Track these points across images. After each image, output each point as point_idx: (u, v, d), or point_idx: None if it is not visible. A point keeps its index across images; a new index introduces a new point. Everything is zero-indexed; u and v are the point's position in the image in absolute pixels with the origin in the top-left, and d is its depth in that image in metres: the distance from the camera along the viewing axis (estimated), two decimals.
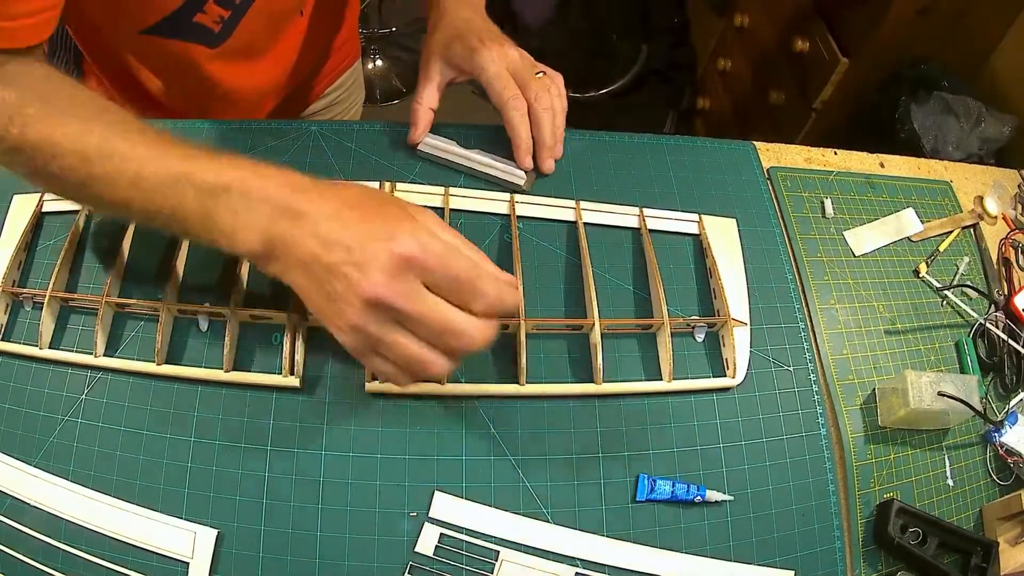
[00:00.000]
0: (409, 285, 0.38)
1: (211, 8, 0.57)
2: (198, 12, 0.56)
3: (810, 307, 0.62)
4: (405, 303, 0.38)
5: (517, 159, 0.61)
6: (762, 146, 0.71)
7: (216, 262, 0.56)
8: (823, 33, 1.25)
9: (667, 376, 0.54)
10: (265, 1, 0.60)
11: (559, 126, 0.61)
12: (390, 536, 0.48)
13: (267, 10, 0.62)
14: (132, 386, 0.51)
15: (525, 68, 0.60)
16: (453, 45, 0.60)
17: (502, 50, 0.59)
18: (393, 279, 0.37)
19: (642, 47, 1.90)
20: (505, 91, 0.59)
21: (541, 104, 0.59)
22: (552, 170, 0.63)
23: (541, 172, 0.62)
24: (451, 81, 0.63)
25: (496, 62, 0.59)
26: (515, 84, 0.59)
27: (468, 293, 0.39)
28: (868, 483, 0.55)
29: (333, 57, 0.83)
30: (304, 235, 0.39)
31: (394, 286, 0.38)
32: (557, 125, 0.61)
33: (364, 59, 2.01)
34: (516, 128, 0.60)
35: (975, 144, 1.10)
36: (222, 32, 0.60)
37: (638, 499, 0.51)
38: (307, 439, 0.50)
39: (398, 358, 0.40)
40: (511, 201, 0.60)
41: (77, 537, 0.47)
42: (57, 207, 0.58)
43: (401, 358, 0.40)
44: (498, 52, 0.59)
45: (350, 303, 0.38)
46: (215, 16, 0.58)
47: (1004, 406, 0.61)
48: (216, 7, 0.57)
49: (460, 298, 0.39)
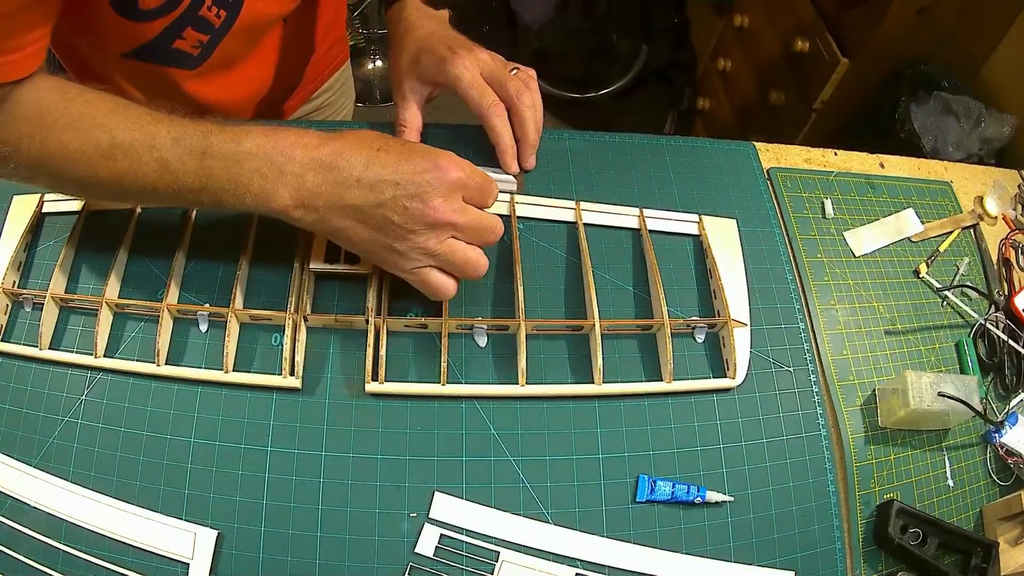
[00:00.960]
0: (459, 202, 0.46)
1: (189, 34, 0.57)
2: (176, 39, 0.57)
3: (810, 307, 0.62)
4: (461, 217, 0.46)
5: (504, 164, 0.61)
6: (762, 146, 0.71)
7: (216, 262, 0.56)
8: (823, 33, 1.25)
9: (667, 377, 0.54)
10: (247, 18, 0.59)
11: (540, 120, 0.61)
12: (390, 537, 0.48)
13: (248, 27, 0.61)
14: (132, 387, 0.51)
15: (499, 69, 0.59)
16: (422, 59, 0.60)
17: (473, 55, 0.58)
18: (447, 201, 0.46)
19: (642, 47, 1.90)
20: (483, 99, 0.58)
21: (523, 102, 0.59)
22: (534, 165, 0.62)
23: (525, 169, 0.62)
24: (428, 97, 0.62)
25: (469, 69, 0.58)
26: (491, 90, 0.58)
27: (485, 196, 0.49)
28: (868, 484, 0.55)
29: (321, 60, 0.82)
30: (342, 183, 0.45)
31: (450, 205, 0.46)
32: (538, 120, 0.61)
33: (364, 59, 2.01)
34: (500, 135, 0.59)
35: (975, 144, 1.10)
36: (201, 55, 0.60)
37: (638, 500, 0.51)
38: (307, 440, 0.50)
39: (454, 263, 0.48)
40: (511, 202, 0.60)
41: (77, 538, 0.47)
42: (57, 207, 0.58)
43: (458, 262, 0.48)
44: (469, 59, 0.58)
45: (413, 230, 0.45)
46: (193, 41, 0.58)
47: (1004, 406, 0.61)
48: (195, 32, 0.57)
49: (481, 201, 0.49)
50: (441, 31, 0.62)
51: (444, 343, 0.52)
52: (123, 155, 0.44)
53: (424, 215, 0.45)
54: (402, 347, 0.54)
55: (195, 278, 0.55)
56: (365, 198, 0.45)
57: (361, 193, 0.45)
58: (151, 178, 0.45)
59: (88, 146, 0.44)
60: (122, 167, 0.45)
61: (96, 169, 0.45)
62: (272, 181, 0.45)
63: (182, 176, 0.45)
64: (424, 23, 0.62)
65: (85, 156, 0.44)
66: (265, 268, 0.56)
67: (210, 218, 0.58)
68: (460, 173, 0.46)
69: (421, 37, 0.61)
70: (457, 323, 0.54)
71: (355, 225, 0.46)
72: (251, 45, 0.66)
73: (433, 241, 0.46)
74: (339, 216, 0.45)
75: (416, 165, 0.45)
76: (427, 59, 0.59)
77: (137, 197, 0.48)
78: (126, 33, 0.55)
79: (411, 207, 0.45)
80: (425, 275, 0.48)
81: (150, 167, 0.45)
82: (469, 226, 0.47)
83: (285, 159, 0.44)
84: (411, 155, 0.46)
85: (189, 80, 0.63)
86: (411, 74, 0.61)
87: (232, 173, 0.45)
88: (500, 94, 0.59)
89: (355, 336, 0.54)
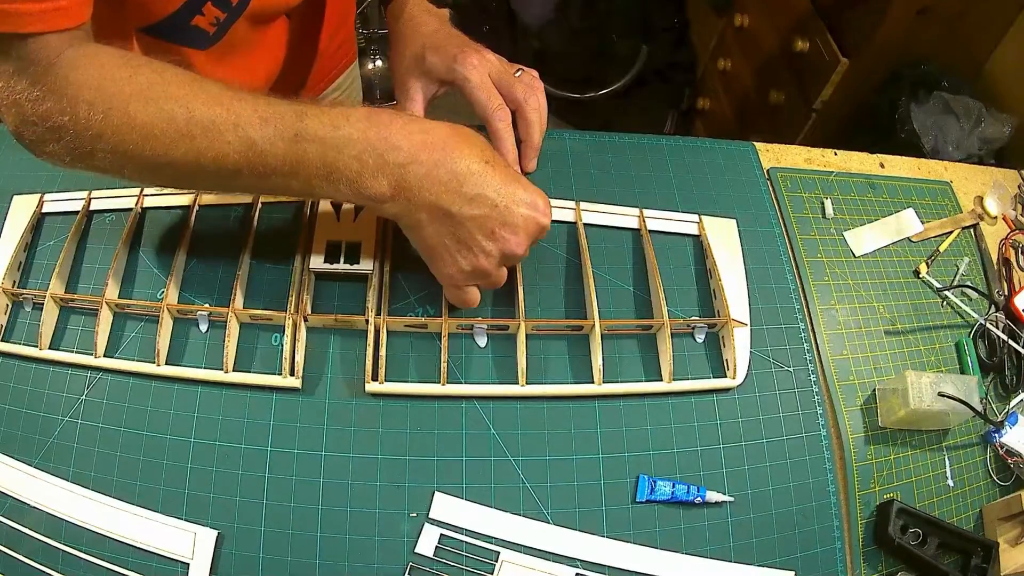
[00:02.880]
0: (531, 242, 0.48)
1: (208, 10, 0.56)
2: (196, 14, 0.56)
3: (810, 307, 0.62)
4: (525, 255, 0.48)
5: None
6: (762, 146, 0.71)
7: (216, 262, 0.56)
8: (823, 33, 1.25)
9: (667, 377, 0.54)
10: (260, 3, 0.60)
11: (544, 123, 0.61)
12: (390, 537, 0.48)
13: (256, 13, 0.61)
14: (132, 387, 0.51)
15: (505, 71, 0.59)
16: (428, 57, 0.59)
17: (480, 56, 0.58)
18: (529, 239, 0.47)
19: (642, 47, 1.90)
20: (490, 101, 0.57)
21: (530, 105, 0.58)
22: (535, 168, 0.62)
23: (526, 171, 0.62)
24: (433, 96, 0.61)
25: (478, 69, 0.57)
26: (497, 93, 0.58)
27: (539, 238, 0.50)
28: (868, 483, 0.55)
29: (329, 59, 0.83)
30: (444, 184, 0.44)
31: (528, 244, 0.47)
32: (543, 123, 0.60)
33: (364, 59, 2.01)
34: (503, 139, 0.59)
35: (975, 144, 1.10)
36: (215, 34, 0.60)
37: (638, 500, 0.51)
38: (307, 440, 0.50)
39: (492, 283, 0.49)
40: None
41: (77, 538, 0.47)
42: (57, 207, 0.58)
43: (495, 282, 0.49)
44: (478, 59, 0.58)
45: (488, 253, 0.46)
46: (211, 18, 0.57)
47: (1004, 406, 0.61)
48: (213, 8, 0.57)
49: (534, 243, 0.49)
50: (444, 29, 0.61)
51: (444, 343, 0.52)
52: (202, 133, 0.41)
53: (507, 246, 0.46)
54: (402, 347, 0.54)
55: (195, 278, 0.55)
56: (460, 206, 0.44)
57: (459, 200, 0.44)
58: (233, 159, 0.42)
59: (160, 120, 0.41)
60: (201, 146, 0.41)
61: (169, 147, 0.41)
62: (372, 169, 0.43)
63: (271, 159, 0.42)
64: (427, 20, 0.62)
65: (157, 131, 0.41)
66: (265, 268, 0.56)
67: (210, 218, 0.58)
68: (548, 221, 0.48)
69: (426, 35, 0.60)
70: (457, 323, 0.54)
71: (435, 225, 0.45)
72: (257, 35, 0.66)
73: (495, 267, 0.47)
74: (425, 212, 0.45)
75: (518, 195, 0.46)
76: (433, 57, 0.59)
77: (211, 180, 0.44)
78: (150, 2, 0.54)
79: (499, 234, 0.46)
80: (469, 292, 0.50)
81: (233, 147, 0.41)
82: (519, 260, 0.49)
83: (388, 147, 0.43)
84: (516, 181, 0.46)
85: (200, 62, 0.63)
86: (416, 72, 0.60)
87: (329, 159, 0.42)
88: (506, 96, 0.58)
89: (355, 336, 0.54)
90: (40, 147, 0.43)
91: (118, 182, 0.59)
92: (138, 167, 0.44)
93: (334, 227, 0.55)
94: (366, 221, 0.56)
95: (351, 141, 0.42)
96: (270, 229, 0.57)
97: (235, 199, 0.59)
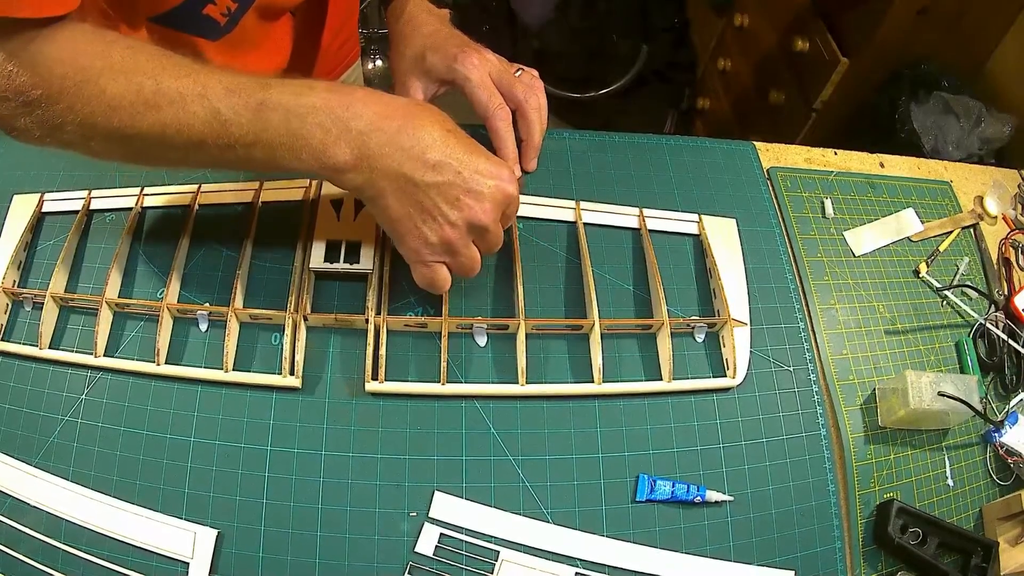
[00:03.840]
0: (499, 213, 0.47)
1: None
2: (208, 3, 0.56)
3: (810, 307, 0.62)
4: (494, 227, 0.47)
5: None
6: (762, 146, 0.71)
7: (216, 261, 0.56)
8: (823, 33, 1.25)
9: (667, 376, 0.54)
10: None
11: (545, 123, 0.61)
12: (390, 536, 0.48)
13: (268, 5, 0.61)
14: (132, 386, 0.51)
15: (505, 70, 0.59)
16: (428, 57, 0.59)
17: (481, 56, 0.58)
18: (496, 209, 0.46)
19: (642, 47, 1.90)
20: (491, 101, 0.58)
21: (531, 105, 0.59)
22: (536, 168, 0.62)
23: (526, 171, 0.62)
24: (433, 96, 0.62)
25: (479, 68, 0.58)
26: (498, 93, 0.58)
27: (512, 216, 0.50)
28: (868, 483, 0.55)
29: (332, 57, 0.83)
30: (407, 151, 0.44)
31: (495, 215, 0.46)
32: (543, 123, 0.61)
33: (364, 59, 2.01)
34: (503, 139, 0.59)
35: (975, 144, 1.10)
36: (227, 25, 0.60)
37: (638, 499, 0.51)
38: (307, 439, 0.50)
39: (462, 264, 0.48)
40: None
41: (77, 537, 0.47)
42: (57, 207, 0.58)
43: (466, 264, 0.48)
44: (478, 59, 0.58)
45: (453, 223, 0.45)
46: (223, 7, 0.57)
47: (1004, 406, 0.61)
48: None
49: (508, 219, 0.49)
50: (445, 29, 0.62)
51: (444, 343, 0.52)
52: (168, 103, 0.41)
53: (472, 214, 0.45)
54: (402, 346, 0.54)
55: (195, 277, 0.55)
56: (424, 173, 0.44)
57: (422, 167, 0.44)
58: (198, 129, 0.42)
59: (129, 92, 0.41)
60: (166, 116, 0.42)
61: (136, 118, 0.42)
62: (335, 136, 0.43)
63: (235, 128, 0.42)
64: (427, 20, 0.62)
65: (125, 103, 0.41)
66: (265, 267, 0.56)
67: (210, 217, 0.58)
68: (514, 190, 0.47)
69: (427, 34, 0.61)
70: (457, 323, 0.54)
71: (398, 194, 0.45)
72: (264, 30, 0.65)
73: (461, 241, 0.46)
74: (388, 180, 0.44)
75: (481, 164, 0.45)
76: (434, 57, 0.59)
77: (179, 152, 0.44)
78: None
79: (464, 201, 0.45)
80: (436, 269, 0.48)
81: (199, 117, 0.42)
82: (493, 237, 0.48)
83: (351, 115, 0.43)
84: (478, 151, 0.46)
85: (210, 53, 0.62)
86: (416, 71, 0.60)
87: (292, 127, 0.42)
88: (506, 96, 0.58)
89: (355, 335, 0.54)
90: (11, 122, 0.43)
91: (118, 182, 0.60)
92: (105, 139, 0.44)
93: (334, 226, 0.55)
94: (366, 220, 0.56)
95: (314, 109, 0.42)
96: (270, 228, 0.57)
97: (235, 199, 0.59)
